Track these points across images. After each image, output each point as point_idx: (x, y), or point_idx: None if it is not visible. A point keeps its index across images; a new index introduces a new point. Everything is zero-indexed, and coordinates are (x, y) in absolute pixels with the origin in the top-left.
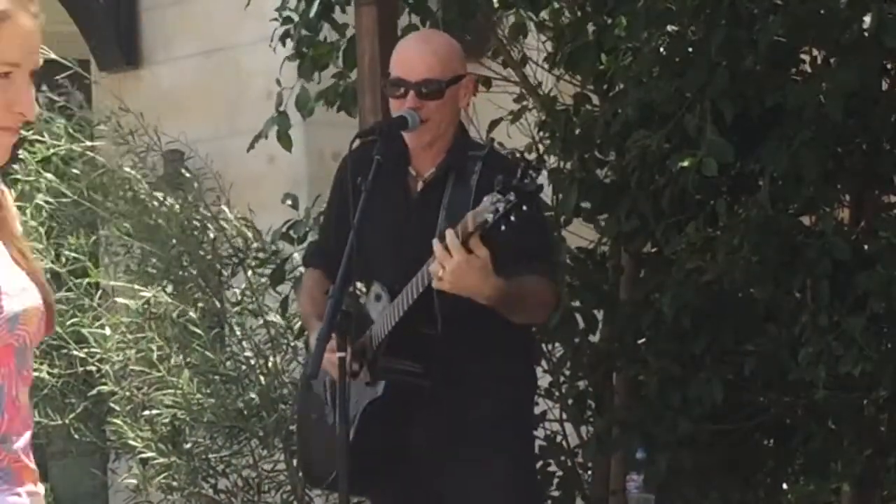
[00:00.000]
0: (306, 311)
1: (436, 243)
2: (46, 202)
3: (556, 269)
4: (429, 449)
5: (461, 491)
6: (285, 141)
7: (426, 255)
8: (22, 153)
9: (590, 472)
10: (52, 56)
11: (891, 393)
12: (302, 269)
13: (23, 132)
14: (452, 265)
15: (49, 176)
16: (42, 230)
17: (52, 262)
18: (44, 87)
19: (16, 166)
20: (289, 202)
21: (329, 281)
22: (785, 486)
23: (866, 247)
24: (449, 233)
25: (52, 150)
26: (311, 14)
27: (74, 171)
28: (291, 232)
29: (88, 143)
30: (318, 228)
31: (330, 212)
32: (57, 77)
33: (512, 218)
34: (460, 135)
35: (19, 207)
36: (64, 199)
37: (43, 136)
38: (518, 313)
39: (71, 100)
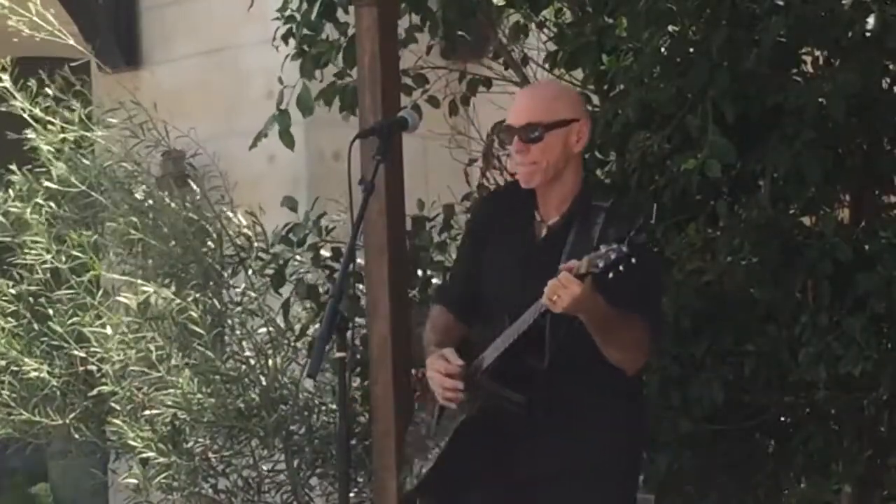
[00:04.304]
0: (428, 340)
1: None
2: (52, 188)
3: (657, 325)
4: (529, 471)
5: None
6: (287, 139)
7: None
8: (33, 135)
9: None
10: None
11: (891, 393)
12: (302, 272)
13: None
14: (567, 295)
15: (60, 164)
16: (44, 225)
17: (54, 258)
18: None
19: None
20: (288, 206)
21: (450, 316)
22: (785, 487)
23: (867, 247)
24: (564, 274)
25: (62, 135)
26: (314, 14)
27: (85, 161)
28: (291, 235)
29: (99, 133)
30: (450, 271)
31: (462, 255)
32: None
33: (621, 268)
34: (585, 185)
35: (20, 199)
36: (72, 190)
37: (55, 121)
38: (613, 342)
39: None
